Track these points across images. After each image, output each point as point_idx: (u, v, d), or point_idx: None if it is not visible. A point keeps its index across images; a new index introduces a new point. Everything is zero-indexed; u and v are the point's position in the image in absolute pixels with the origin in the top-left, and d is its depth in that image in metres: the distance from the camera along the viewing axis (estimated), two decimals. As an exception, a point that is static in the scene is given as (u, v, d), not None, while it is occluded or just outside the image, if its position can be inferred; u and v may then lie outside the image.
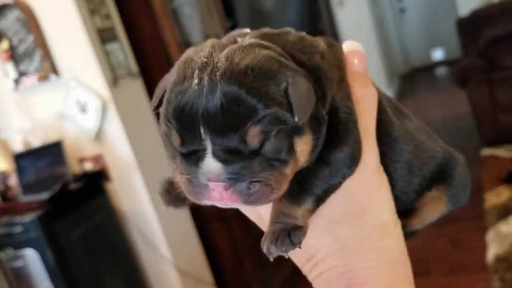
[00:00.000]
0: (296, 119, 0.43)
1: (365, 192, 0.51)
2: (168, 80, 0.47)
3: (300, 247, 0.46)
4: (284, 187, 0.46)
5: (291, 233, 0.46)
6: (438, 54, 7.93)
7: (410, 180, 0.58)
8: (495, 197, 3.33)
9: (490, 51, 4.29)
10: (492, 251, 2.79)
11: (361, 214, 0.51)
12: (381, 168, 0.53)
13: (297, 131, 0.45)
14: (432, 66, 7.94)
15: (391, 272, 0.51)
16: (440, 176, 0.62)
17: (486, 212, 3.20)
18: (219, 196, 0.44)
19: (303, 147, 0.46)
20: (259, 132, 0.42)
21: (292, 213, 0.47)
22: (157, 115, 0.48)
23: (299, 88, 0.44)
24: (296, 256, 0.54)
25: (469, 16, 4.57)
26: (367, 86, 0.53)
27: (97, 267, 2.51)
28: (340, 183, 0.49)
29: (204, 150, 0.43)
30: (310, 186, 0.48)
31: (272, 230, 0.47)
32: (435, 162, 0.62)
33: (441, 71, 7.74)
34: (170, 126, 0.45)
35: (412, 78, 7.82)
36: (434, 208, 0.62)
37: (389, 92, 6.58)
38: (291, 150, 0.45)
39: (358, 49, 0.55)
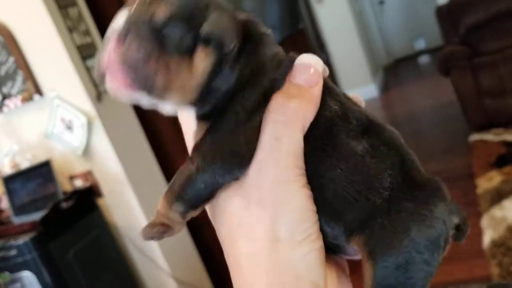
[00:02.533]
0: (205, 27, 0.44)
1: (259, 203, 0.48)
2: None
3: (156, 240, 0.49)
4: (163, 78, 0.43)
5: (155, 229, 0.49)
6: (420, 44, 7.97)
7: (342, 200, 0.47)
8: (487, 182, 3.35)
9: (471, 37, 4.31)
10: (488, 237, 2.80)
11: (253, 225, 0.48)
12: (293, 184, 0.47)
13: (204, 40, 0.44)
14: (415, 55, 7.98)
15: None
16: (369, 217, 0.47)
17: (479, 198, 3.22)
18: (107, 55, 0.41)
19: (203, 57, 0.44)
20: (166, 12, 0.43)
21: (166, 214, 0.48)
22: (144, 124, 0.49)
23: (222, 19, 0.45)
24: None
25: (448, 4, 4.59)
26: (298, 97, 0.48)
27: (95, 284, 2.50)
28: (211, 192, 0.47)
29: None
30: (183, 190, 0.47)
31: (152, 221, 0.49)
32: (375, 195, 0.47)
33: (424, 60, 7.78)
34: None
35: (396, 70, 7.86)
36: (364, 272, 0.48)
37: (374, 86, 6.60)
38: (190, 50, 0.44)
39: (309, 63, 0.50)
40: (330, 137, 0.48)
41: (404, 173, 0.48)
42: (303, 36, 5.88)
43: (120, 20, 0.43)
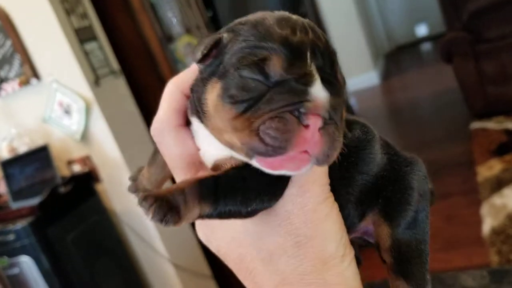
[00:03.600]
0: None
1: (306, 224, 0.49)
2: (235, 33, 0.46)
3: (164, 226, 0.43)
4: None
5: (169, 213, 0.42)
6: (422, 30, 7.91)
7: (357, 200, 0.56)
8: (487, 170, 3.33)
9: (474, 23, 4.27)
10: (488, 225, 2.80)
11: (300, 246, 0.49)
12: (328, 200, 0.51)
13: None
14: (416, 43, 7.93)
15: None
16: (378, 193, 0.57)
17: (479, 186, 3.20)
18: (310, 136, 0.40)
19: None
20: (343, 79, 0.45)
21: (190, 204, 0.44)
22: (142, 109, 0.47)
23: None
24: (245, 282, 0.53)
25: (451, -10, 4.55)
26: None
27: (93, 269, 2.50)
28: (248, 214, 0.47)
29: (310, 77, 0.42)
30: (223, 199, 0.45)
31: (159, 194, 0.43)
32: (378, 175, 0.57)
33: (426, 46, 7.73)
34: (271, 49, 0.42)
35: (397, 56, 7.81)
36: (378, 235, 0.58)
37: (375, 73, 6.57)
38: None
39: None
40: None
41: (393, 158, 0.58)
42: (304, 22, 5.84)
43: (321, 91, 0.41)
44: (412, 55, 7.61)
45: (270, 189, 0.47)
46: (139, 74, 2.82)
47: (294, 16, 0.46)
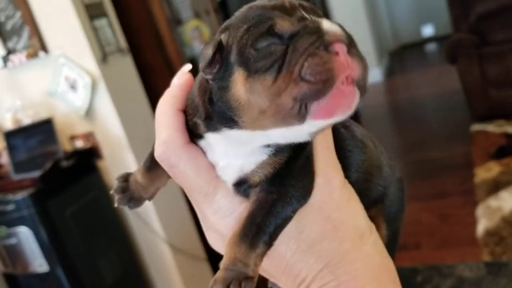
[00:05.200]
0: None
1: (337, 208, 0.52)
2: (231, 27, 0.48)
3: None
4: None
5: (243, 284, 0.46)
6: (428, 30, 7.91)
7: (364, 189, 0.59)
8: (485, 172, 3.36)
9: (480, 26, 4.28)
10: (482, 226, 2.82)
11: (337, 229, 0.52)
12: (346, 182, 0.55)
13: None
14: (422, 42, 7.93)
15: (378, 277, 0.52)
16: (379, 193, 0.62)
17: (476, 187, 3.23)
18: (345, 59, 0.42)
19: None
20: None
21: (246, 260, 0.47)
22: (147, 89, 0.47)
23: None
24: (285, 283, 0.53)
25: (460, -9, 4.54)
26: None
27: (90, 244, 2.52)
28: (291, 217, 0.50)
29: (317, 21, 0.44)
30: (264, 224, 0.48)
31: (223, 277, 0.46)
32: (381, 175, 0.62)
33: (431, 47, 7.73)
34: (271, 17, 0.44)
35: (402, 55, 7.81)
36: None
37: (379, 70, 6.57)
38: None
39: None
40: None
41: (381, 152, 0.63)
42: (312, 15, 5.83)
43: (329, 23, 0.44)
44: (416, 55, 7.61)
45: (302, 187, 0.50)
46: (146, 54, 2.82)
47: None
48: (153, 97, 2.79)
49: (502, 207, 2.92)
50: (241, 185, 0.51)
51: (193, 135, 0.53)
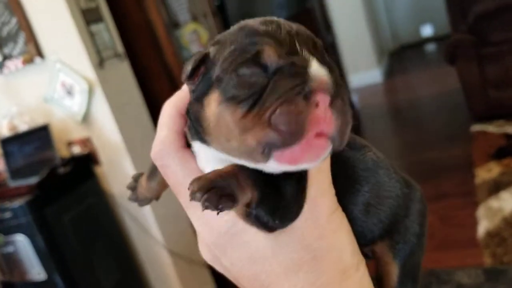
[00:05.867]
0: None
1: (320, 237, 0.49)
2: (221, 44, 0.46)
3: (218, 214, 0.41)
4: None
5: (223, 198, 0.41)
6: (427, 31, 7.91)
7: (366, 223, 0.54)
8: (486, 172, 3.35)
9: (479, 26, 4.27)
10: (483, 227, 2.81)
11: (317, 260, 0.48)
12: (338, 210, 0.51)
13: None
14: (421, 43, 7.92)
15: None
16: (391, 226, 0.56)
17: (477, 188, 3.22)
18: (323, 113, 0.39)
19: None
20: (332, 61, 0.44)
21: (245, 187, 0.43)
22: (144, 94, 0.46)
23: None
24: None
25: (458, -9, 4.54)
26: None
27: (88, 251, 2.51)
28: (270, 228, 0.47)
29: (306, 60, 0.41)
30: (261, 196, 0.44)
31: (209, 179, 0.42)
32: (393, 206, 0.55)
33: (431, 47, 7.73)
34: (261, 43, 0.42)
35: (401, 55, 7.81)
36: (385, 272, 0.58)
37: (379, 70, 6.56)
38: None
39: None
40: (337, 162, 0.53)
41: (400, 176, 0.57)
42: (310, 16, 5.81)
43: (320, 69, 0.41)
44: (416, 55, 7.61)
45: (286, 209, 0.46)
46: (144, 58, 2.81)
47: (275, 18, 0.46)
48: (151, 102, 2.78)
49: (503, 208, 2.91)
50: None
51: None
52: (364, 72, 6.37)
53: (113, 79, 2.56)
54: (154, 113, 2.79)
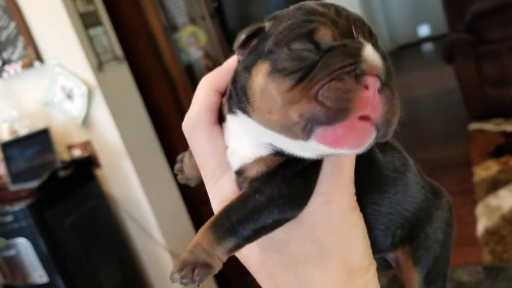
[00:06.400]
0: None
1: (332, 233, 0.48)
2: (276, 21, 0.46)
3: (198, 286, 0.44)
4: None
5: (196, 270, 0.43)
6: (424, 30, 7.92)
7: (388, 224, 0.53)
8: (484, 170, 3.36)
9: (476, 25, 4.28)
10: (482, 225, 2.82)
11: (325, 256, 0.48)
12: (355, 210, 0.50)
13: None
14: (418, 43, 7.93)
15: None
16: (412, 231, 0.55)
17: (475, 186, 3.23)
18: (371, 96, 0.38)
19: None
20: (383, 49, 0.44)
21: (211, 250, 0.44)
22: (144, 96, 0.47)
23: None
24: (262, 285, 0.53)
25: (455, -10, 4.55)
26: None
27: (90, 254, 2.51)
28: (271, 226, 0.46)
29: (360, 43, 0.41)
30: (239, 223, 0.45)
31: (183, 259, 0.44)
32: (416, 210, 0.54)
33: (428, 47, 7.74)
34: (318, 21, 0.42)
35: (398, 56, 7.81)
36: (407, 279, 0.56)
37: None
38: None
39: None
40: (364, 163, 0.52)
41: (434, 188, 0.57)
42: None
43: (373, 53, 0.41)
44: (413, 55, 7.62)
45: (292, 198, 0.46)
46: (142, 61, 2.82)
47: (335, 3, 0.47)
48: (150, 104, 2.79)
49: (502, 205, 2.92)
50: (240, 175, 0.50)
51: (221, 118, 0.53)
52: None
53: (112, 82, 2.56)
54: (154, 115, 2.79)
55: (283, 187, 0.46)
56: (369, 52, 0.40)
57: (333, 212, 0.48)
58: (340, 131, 0.39)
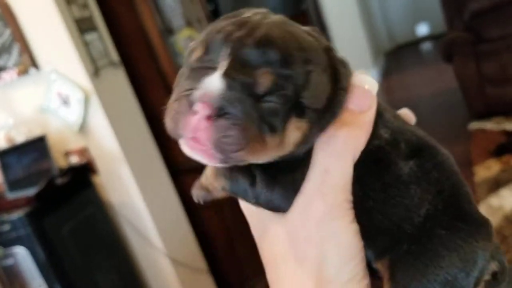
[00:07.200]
0: (303, 99, 0.42)
1: (307, 240, 0.46)
2: None
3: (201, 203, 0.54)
4: (256, 155, 0.42)
5: (200, 191, 0.54)
6: (423, 29, 7.91)
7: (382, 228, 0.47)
8: (485, 170, 3.33)
9: (475, 23, 4.26)
10: (484, 225, 2.80)
11: (301, 261, 0.47)
12: (343, 218, 0.46)
13: (298, 111, 0.43)
14: (417, 42, 7.92)
15: None
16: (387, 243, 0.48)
17: (477, 186, 3.21)
18: (196, 122, 0.41)
19: (296, 131, 0.43)
20: (270, 80, 0.41)
21: (211, 181, 0.51)
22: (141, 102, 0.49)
23: (321, 80, 0.44)
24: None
25: (453, -11, 4.54)
26: (348, 125, 0.46)
27: (89, 261, 2.49)
28: (256, 204, 0.49)
29: (215, 67, 0.42)
30: (235, 179, 0.49)
31: (199, 180, 0.54)
32: (412, 223, 0.47)
33: (427, 46, 7.72)
34: (199, 40, 0.45)
35: (397, 55, 7.80)
36: None
37: (375, 71, 6.56)
38: (284, 124, 0.42)
39: (363, 85, 0.49)
40: (376, 166, 0.47)
41: (450, 203, 0.47)
42: (305, 18, 5.82)
43: (215, 81, 0.41)
44: (412, 54, 7.61)
45: (276, 190, 0.47)
46: (139, 66, 2.80)
47: (258, 14, 0.45)
48: (147, 109, 2.77)
49: (504, 205, 2.90)
50: None
51: None
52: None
53: (108, 87, 2.54)
54: (151, 120, 2.77)
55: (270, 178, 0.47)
56: (211, 80, 0.41)
57: (310, 218, 0.46)
58: (185, 143, 0.43)
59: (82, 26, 2.46)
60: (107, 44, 2.60)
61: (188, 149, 0.43)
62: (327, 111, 0.45)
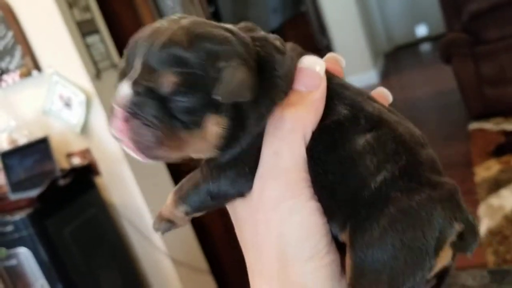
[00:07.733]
0: (215, 95, 0.44)
1: (265, 223, 0.47)
2: None
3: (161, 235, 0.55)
4: (175, 151, 0.46)
5: (162, 223, 0.55)
6: (421, 30, 7.92)
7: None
8: (485, 170, 3.35)
9: (473, 24, 4.28)
10: (485, 225, 2.81)
11: (260, 244, 0.48)
12: (299, 197, 0.46)
13: (213, 107, 0.45)
14: (416, 43, 7.93)
15: None
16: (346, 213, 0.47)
17: (477, 186, 3.22)
18: (117, 125, 0.46)
19: (214, 125, 0.45)
20: (172, 81, 0.44)
21: (172, 210, 0.53)
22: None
23: (238, 74, 0.44)
24: None
25: (451, -10, 4.55)
26: (294, 105, 0.47)
27: (91, 262, 2.50)
28: (216, 202, 0.50)
29: (125, 75, 0.47)
30: (190, 194, 0.51)
31: (159, 212, 0.55)
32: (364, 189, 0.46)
33: (426, 47, 7.74)
34: (128, 48, 0.48)
35: (396, 56, 7.81)
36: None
37: (375, 72, 6.57)
38: (200, 120, 0.45)
39: (310, 66, 0.49)
40: (334, 142, 0.47)
41: (407, 170, 0.46)
42: (305, 20, 5.84)
43: (124, 88, 0.45)
44: (411, 56, 7.62)
45: (225, 179, 0.49)
46: (140, 68, 2.81)
47: (172, 20, 0.48)
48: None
49: (504, 205, 2.91)
50: None
51: None
52: (360, 74, 6.37)
53: (110, 89, 2.56)
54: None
55: (217, 168, 0.49)
56: (121, 87, 0.46)
57: (265, 199, 0.47)
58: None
59: (84, 29, 2.47)
60: (109, 46, 2.62)
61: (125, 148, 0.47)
62: (262, 100, 0.46)
